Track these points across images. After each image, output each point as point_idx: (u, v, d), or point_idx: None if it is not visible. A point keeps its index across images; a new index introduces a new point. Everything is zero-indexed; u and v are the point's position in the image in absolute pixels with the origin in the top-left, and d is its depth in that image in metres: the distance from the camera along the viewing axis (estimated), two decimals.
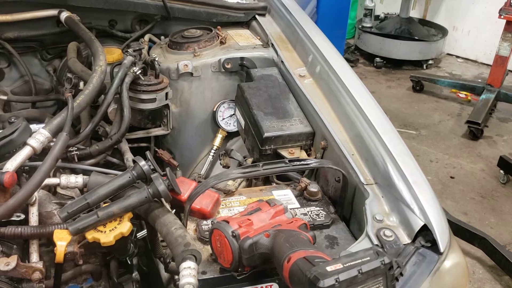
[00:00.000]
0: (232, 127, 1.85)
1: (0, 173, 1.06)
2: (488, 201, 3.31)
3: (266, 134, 1.43)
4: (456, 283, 1.04)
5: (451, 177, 3.56)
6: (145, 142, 1.81)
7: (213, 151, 1.86)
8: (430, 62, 5.41)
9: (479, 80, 4.97)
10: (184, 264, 0.93)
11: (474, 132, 4.01)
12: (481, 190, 3.42)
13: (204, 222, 1.15)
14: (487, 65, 5.30)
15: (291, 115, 1.51)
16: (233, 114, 1.81)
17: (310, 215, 1.20)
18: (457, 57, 5.73)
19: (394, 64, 5.39)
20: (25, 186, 1.05)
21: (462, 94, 4.74)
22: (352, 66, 4.21)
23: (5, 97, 1.74)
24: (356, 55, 5.62)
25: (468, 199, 3.33)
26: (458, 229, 2.76)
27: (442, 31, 5.51)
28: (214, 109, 1.82)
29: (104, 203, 1.08)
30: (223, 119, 1.84)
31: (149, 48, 1.89)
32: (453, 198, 3.33)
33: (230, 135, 1.89)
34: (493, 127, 4.23)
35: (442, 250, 1.02)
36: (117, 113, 1.53)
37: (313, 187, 1.27)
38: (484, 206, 3.26)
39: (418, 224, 1.05)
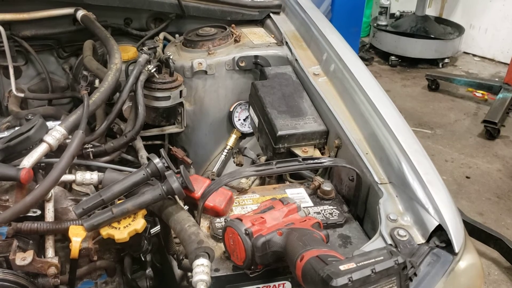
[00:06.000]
0: (247, 128, 1.85)
1: (17, 169, 1.08)
2: (505, 201, 3.27)
3: (279, 133, 1.43)
4: (471, 284, 1.03)
5: (467, 177, 3.52)
6: (159, 140, 1.82)
7: (226, 150, 1.87)
8: (446, 60, 5.36)
9: (496, 79, 4.91)
10: (197, 261, 0.94)
11: (491, 131, 3.95)
12: (497, 191, 3.37)
13: (218, 219, 1.15)
14: (505, 63, 5.23)
15: (305, 114, 1.50)
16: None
17: (323, 214, 1.20)
18: (474, 55, 5.66)
19: (409, 63, 5.34)
20: (42, 183, 1.07)
21: (479, 93, 4.68)
22: (367, 65, 4.17)
23: (22, 95, 1.77)
24: (371, 54, 5.58)
25: (484, 200, 3.29)
26: (473, 230, 2.73)
27: (458, 29, 5.45)
28: (231, 109, 1.82)
29: (119, 199, 1.09)
30: (239, 119, 1.84)
31: (164, 46, 1.90)
32: (468, 198, 3.30)
33: (243, 135, 1.90)
34: (510, 126, 4.17)
35: (457, 251, 1.01)
36: (132, 111, 1.54)
37: (327, 186, 1.26)
38: (500, 206, 3.22)
39: (432, 224, 1.04)
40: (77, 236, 1.05)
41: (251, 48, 1.80)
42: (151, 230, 1.20)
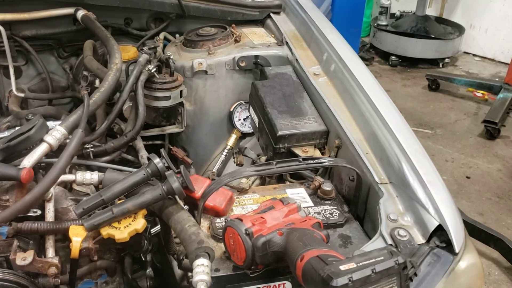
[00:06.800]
0: (247, 128, 1.85)
1: (17, 169, 1.08)
2: (505, 201, 3.26)
3: (280, 133, 1.43)
4: (471, 284, 1.03)
5: (467, 177, 3.52)
6: (160, 140, 1.82)
7: (226, 150, 1.87)
8: (447, 60, 5.35)
9: (497, 79, 4.91)
10: (198, 261, 0.94)
11: (491, 131, 3.95)
12: (498, 191, 3.37)
13: (218, 219, 1.15)
14: (505, 63, 5.23)
15: (305, 114, 1.50)
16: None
17: (323, 214, 1.20)
18: (474, 55, 5.66)
19: (409, 63, 5.34)
20: (41, 182, 1.07)
21: (479, 93, 4.68)
22: (367, 65, 4.18)
23: (22, 95, 1.77)
24: (371, 54, 5.58)
25: (484, 200, 3.29)
26: (473, 230, 2.73)
27: (459, 29, 5.45)
28: (231, 109, 1.82)
29: (119, 199, 1.09)
30: (239, 119, 1.84)
31: (164, 46, 1.90)
32: (469, 198, 3.30)
33: (244, 135, 1.89)
34: (510, 126, 4.17)
35: (457, 251, 1.01)
36: (132, 111, 1.55)
37: (327, 186, 1.26)
38: (500, 206, 3.22)
39: (433, 224, 1.04)
40: (78, 236, 1.05)
41: (252, 48, 1.80)
42: (151, 230, 1.20)
